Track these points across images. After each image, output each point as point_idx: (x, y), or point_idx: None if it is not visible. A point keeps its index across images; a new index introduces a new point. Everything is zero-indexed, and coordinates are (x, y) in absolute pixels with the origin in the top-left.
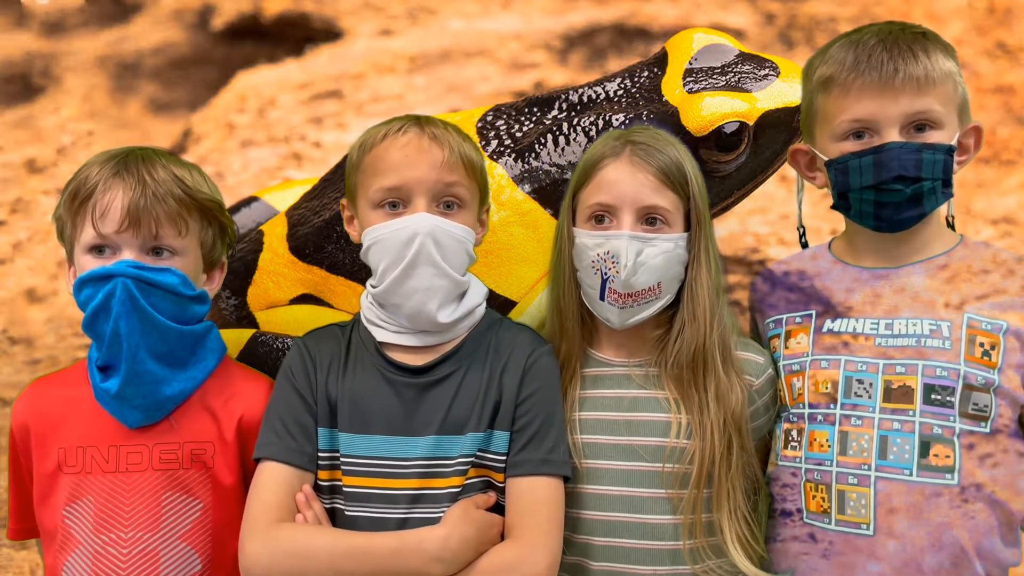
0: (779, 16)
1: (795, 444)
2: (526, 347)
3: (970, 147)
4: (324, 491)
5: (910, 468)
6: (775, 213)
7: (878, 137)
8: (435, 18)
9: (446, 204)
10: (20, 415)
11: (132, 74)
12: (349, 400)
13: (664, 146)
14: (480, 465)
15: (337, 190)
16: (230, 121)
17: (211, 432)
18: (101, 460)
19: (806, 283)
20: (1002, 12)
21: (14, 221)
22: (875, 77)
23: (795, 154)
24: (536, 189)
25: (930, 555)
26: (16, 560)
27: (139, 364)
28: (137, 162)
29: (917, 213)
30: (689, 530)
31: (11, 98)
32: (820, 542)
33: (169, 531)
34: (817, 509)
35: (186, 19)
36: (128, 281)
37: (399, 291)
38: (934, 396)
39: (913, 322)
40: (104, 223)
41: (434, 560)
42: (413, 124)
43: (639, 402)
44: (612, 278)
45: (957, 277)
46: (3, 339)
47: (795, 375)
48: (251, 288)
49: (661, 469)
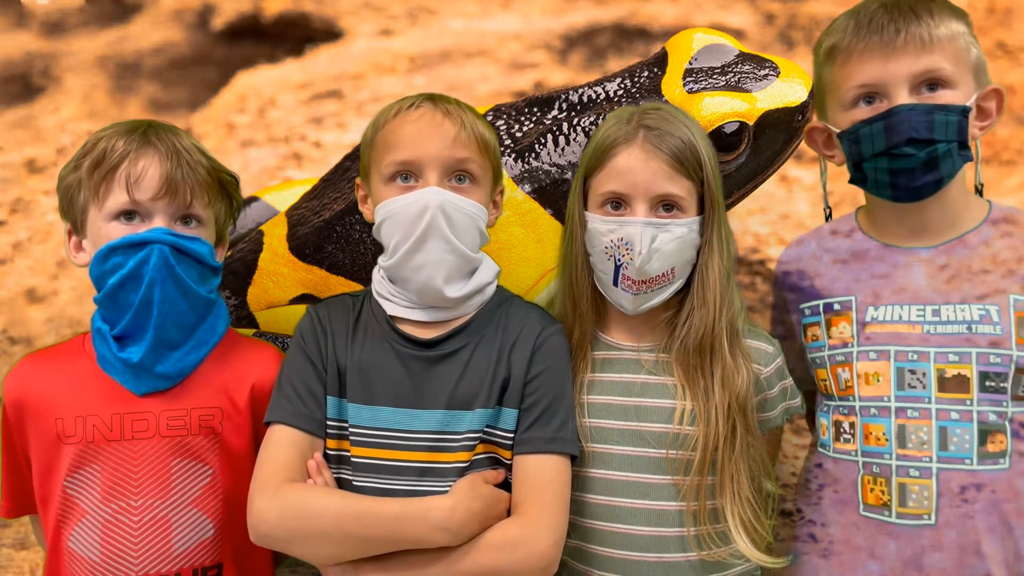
0: (779, 16)
1: (848, 436)
2: (536, 326)
3: (991, 111)
4: (332, 460)
5: (971, 457)
6: (775, 213)
7: (887, 101)
8: (435, 18)
9: (458, 179)
10: (12, 391)
11: (132, 74)
12: (357, 369)
13: (677, 128)
14: (488, 441)
15: (337, 190)
16: (230, 121)
17: (220, 398)
18: (104, 429)
19: (841, 266)
20: (1002, 12)
21: (14, 221)
22: (876, 40)
23: (811, 133)
24: (536, 189)
25: (988, 541)
26: (16, 560)
27: (165, 332)
28: (164, 132)
29: (934, 179)
30: (694, 517)
31: (11, 98)
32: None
33: (179, 497)
34: (876, 502)
35: (186, 19)
36: (165, 248)
37: (408, 265)
38: (988, 383)
39: (961, 308)
40: (139, 189)
41: (439, 529)
42: (426, 100)
43: (648, 387)
44: (626, 265)
45: (998, 255)
46: (3, 339)
47: (841, 366)
48: (251, 288)
49: (665, 455)
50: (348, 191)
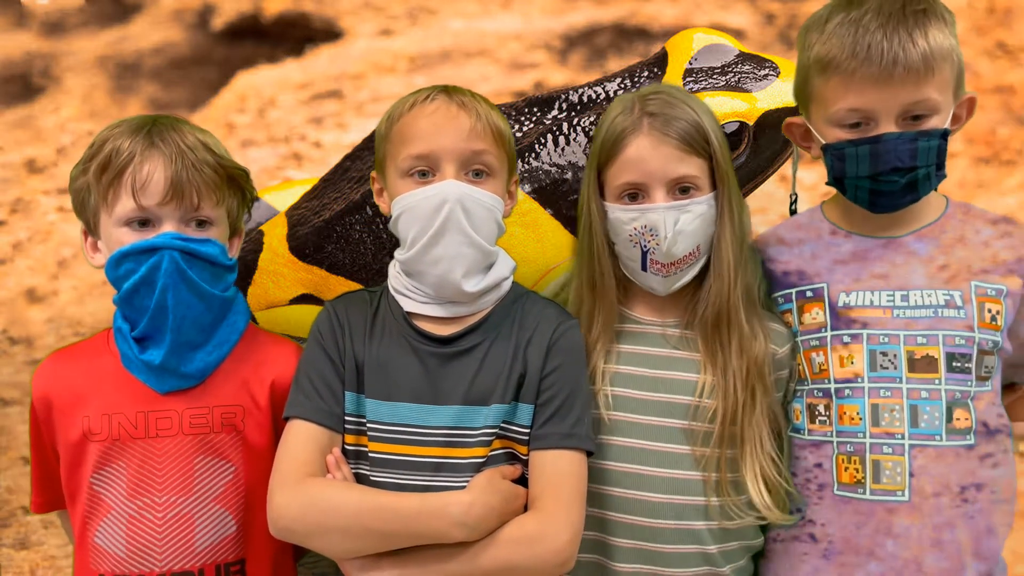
0: (779, 16)
1: (824, 419)
2: (552, 321)
3: (962, 116)
4: (350, 455)
5: (940, 433)
6: (775, 213)
7: (874, 125)
8: (435, 18)
9: (475, 172)
10: (40, 388)
11: (132, 74)
12: (375, 365)
13: (680, 109)
14: (505, 437)
15: (337, 190)
16: (230, 121)
17: (241, 396)
18: (129, 427)
19: (811, 254)
20: (1002, 12)
21: (14, 221)
22: (875, 71)
23: (790, 126)
24: (536, 189)
25: (960, 516)
26: (16, 560)
27: (183, 335)
28: (169, 131)
29: (912, 198)
30: (715, 488)
31: (11, 98)
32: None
33: (203, 494)
34: (850, 480)
35: (186, 19)
36: (175, 254)
37: (425, 258)
38: (955, 364)
39: (928, 293)
40: (145, 195)
41: (457, 524)
42: (441, 92)
43: (673, 361)
44: (652, 250)
45: (959, 243)
46: (3, 339)
47: (815, 350)
48: (251, 288)
49: (687, 426)
50: (348, 191)
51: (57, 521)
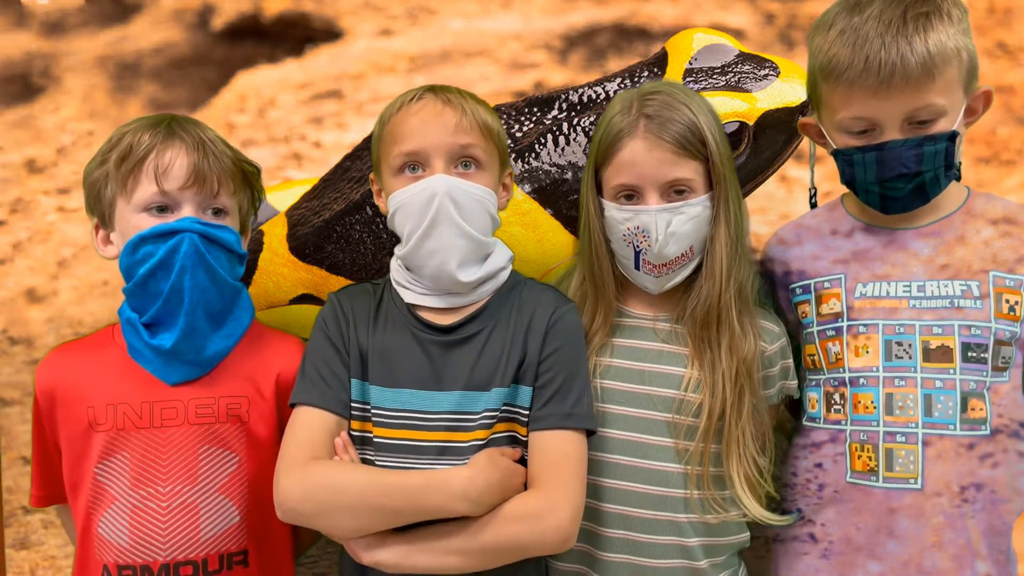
0: (779, 16)
1: (838, 407)
2: (549, 305)
3: (978, 109)
4: (356, 441)
5: (954, 423)
6: (775, 213)
7: (880, 132)
8: (435, 18)
9: (463, 164)
10: (44, 380)
11: (132, 74)
12: (379, 354)
13: (678, 111)
14: (507, 419)
15: (337, 190)
16: (230, 121)
17: (247, 387)
18: (135, 416)
19: (830, 245)
20: (1002, 12)
21: (14, 221)
22: (873, 82)
23: (805, 126)
24: (536, 189)
25: (971, 504)
26: (16, 560)
27: (196, 320)
28: (188, 124)
29: (922, 201)
30: (696, 481)
31: (11, 98)
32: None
33: (207, 484)
34: (863, 468)
35: (186, 19)
36: (195, 236)
37: (421, 251)
38: (970, 354)
39: (944, 284)
40: (168, 180)
41: (459, 497)
42: (428, 91)
43: (661, 355)
44: (645, 251)
45: (978, 234)
46: (3, 339)
47: (831, 340)
48: (251, 288)
49: (670, 420)
50: (348, 191)
51: (57, 521)
